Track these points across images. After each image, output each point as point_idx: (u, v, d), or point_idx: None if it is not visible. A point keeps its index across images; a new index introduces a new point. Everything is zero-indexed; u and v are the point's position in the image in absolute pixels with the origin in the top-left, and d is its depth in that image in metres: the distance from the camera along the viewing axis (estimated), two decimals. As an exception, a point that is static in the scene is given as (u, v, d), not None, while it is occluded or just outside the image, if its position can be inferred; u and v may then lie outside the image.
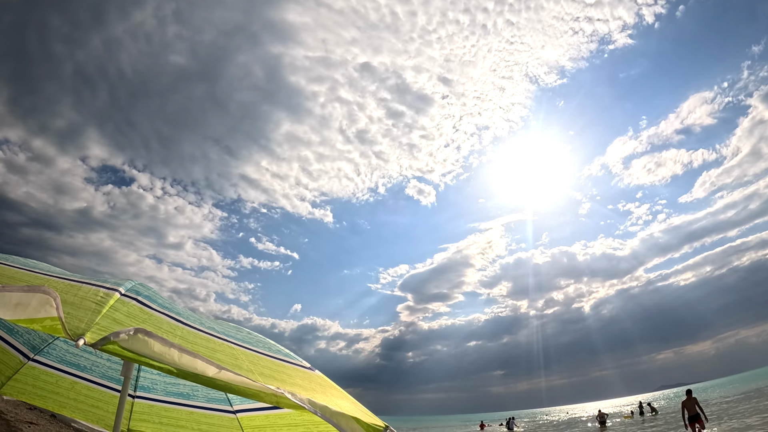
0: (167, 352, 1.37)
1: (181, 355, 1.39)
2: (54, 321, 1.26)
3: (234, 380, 1.48)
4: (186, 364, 1.39)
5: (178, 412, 3.26)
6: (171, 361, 1.37)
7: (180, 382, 3.15)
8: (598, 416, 32.85)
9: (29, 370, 3.15)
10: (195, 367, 1.41)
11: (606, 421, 31.92)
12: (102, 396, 3.29)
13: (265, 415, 2.93)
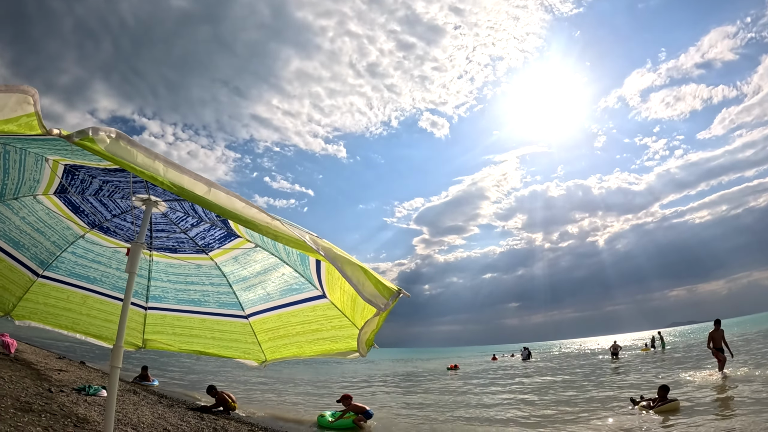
0: (151, 165, 1.28)
1: (167, 169, 1.30)
2: (30, 117, 1.18)
3: (226, 202, 1.39)
4: (173, 178, 1.30)
5: (190, 320, 3.26)
6: (155, 171, 1.28)
7: (190, 288, 3.14)
8: (611, 347, 33.48)
9: (39, 288, 3.16)
10: (182, 183, 1.32)
11: (618, 352, 32.62)
12: (114, 309, 3.29)
13: (277, 315, 2.90)
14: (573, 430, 10.05)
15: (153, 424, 8.15)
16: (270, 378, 24.07)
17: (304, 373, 28.31)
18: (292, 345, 2.88)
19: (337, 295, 2.27)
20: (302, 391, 19.19)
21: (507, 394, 18.11)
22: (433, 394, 18.95)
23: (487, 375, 28.50)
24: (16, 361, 12.66)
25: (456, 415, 13.13)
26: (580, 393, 16.19)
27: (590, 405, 12.99)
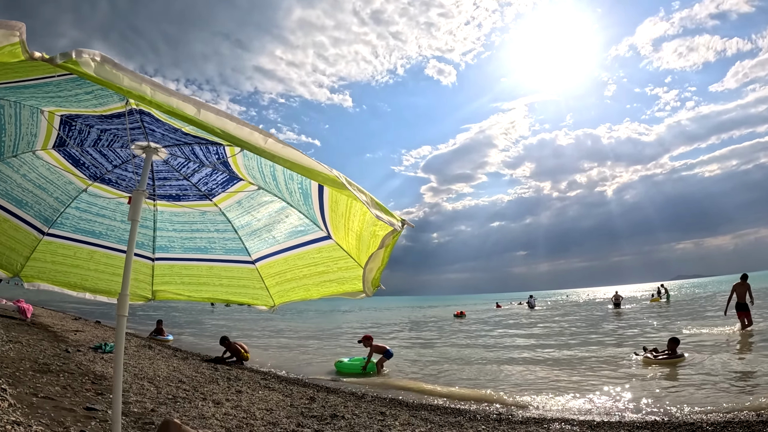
0: (138, 87, 1.22)
1: (155, 91, 1.24)
2: (14, 47, 1.13)
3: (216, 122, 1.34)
4: (160, 99, 1.25)
5: (198, 268, 3.26)
6: (142, 92, 1.22)
7: (196, 236, 3.11)
8: (613, 297, 33.96)
9: (46, 246, 3.13)
10: (170, 104, 1.27)
11: (620, 303, 33.08)
12: (122, 263, 3.22)
13: (284, 259, 2.87)
14: (575, 378, 10.23)
15: (168, 377, 8.36)
16: (281, 329, 24.64)
17: (314, 324, 28.93)
18: (299, 288, 2.89)
19: (342, 234, 2.24)
20: (314, 341, 19.65)
21: (510, 339, 18.45)
22: (440, 341, 19.34)
23: (493, 322, 29.02)
24: (33, 326, 12.96)
25: (462, 360, 13.42)
26: (583, 341, 16.48)
27: (591, 353, 13.23)
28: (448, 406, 7.90)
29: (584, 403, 7.79)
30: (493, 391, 9.00)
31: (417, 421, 6.40)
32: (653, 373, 9.70)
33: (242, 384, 8.63)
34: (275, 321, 31.12)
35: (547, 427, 6.12)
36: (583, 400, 7.95)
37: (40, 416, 4.52)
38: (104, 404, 5.57)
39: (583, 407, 7.52)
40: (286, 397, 7.74)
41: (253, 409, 6.56)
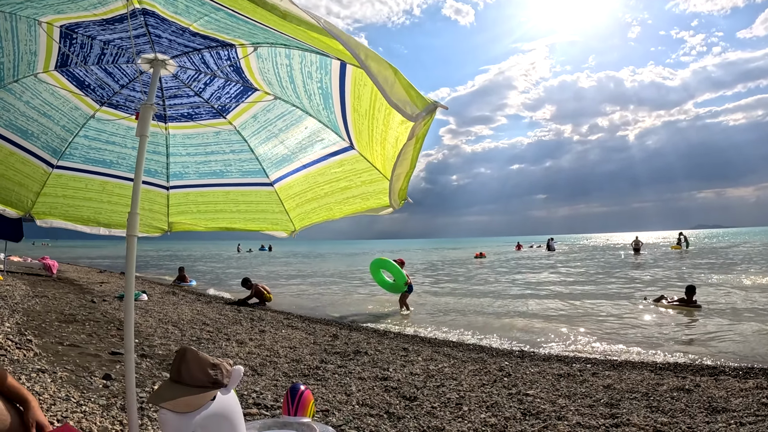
0: None
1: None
2: None
3: None
4: None
5: (214, 195, 3.13)
6: None
7: (211, 159, 2.96)
8: (633, 243, 33.96)
9: (56, 180, 3.01)
10: None
11: (640, 248, 33.09)
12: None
13: (303, 177, 2.71)
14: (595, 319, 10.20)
15: (192, 320, 8.51)
16: (303, 273, 25.00)
17: (335, 267, 29.32)
18: (320, 209, 2.75)
19: (365, 141, 2.06)
20: (335, 283, 19.94)
21: (531, 279, 18.49)
22: (461, 281, 19.48)
23: (512, 263, 29.14)
24: (59, 281, 13.24)
25: (482, 299, 13.49)
26: (601, 284, 16.44)
27: (610, 296, 13.18)
28: (471, 342, 7.95)
29: (606, 344, 7.79)
30: (515, 330, 9.05)
31: (440, 357, 6.43)
32: (670, 319, 9.66)
33: (265, 324, 8.76)
34: (296, 265, 31.61)
35: (570, 364, 6.09)
36: (605, 341, 7.95)
37: (65, 363, 4.62)
38: None
39: (604, 348, 7.53)
40: (309, 335, 7.83)
41: (277, 347, 6.64)
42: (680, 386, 4.68)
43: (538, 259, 32.90)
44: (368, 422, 3.85)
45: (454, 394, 4.69)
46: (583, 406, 4.22)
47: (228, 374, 2.07)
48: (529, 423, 3.85)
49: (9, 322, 6.17)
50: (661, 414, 3.92)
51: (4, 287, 9.71)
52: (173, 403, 1.82)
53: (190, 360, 1.95)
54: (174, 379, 1.96)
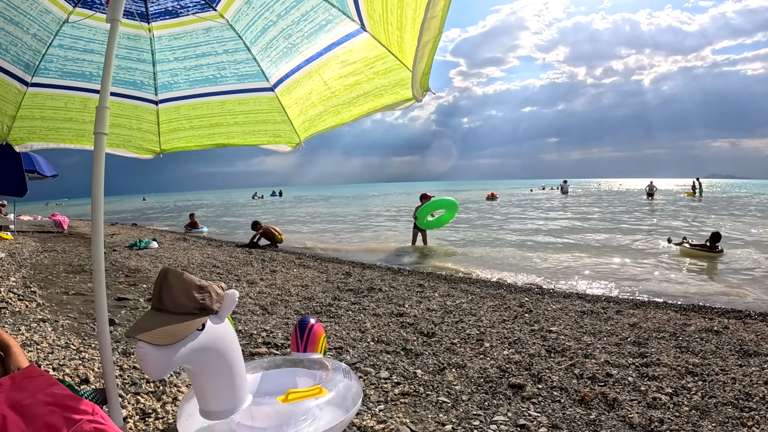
0: None
1: None
2: None
3: None
4: None
5: (208, 106, 2.76)
6: None
7: (203, 62, 2.57)
8: (647, 187, 33.73)
9: (32, 100, 2.66)
10: None
11: (654, 193, 32.82)
12: (121, 110, 2.83)
13: (307, 74, 2.32)
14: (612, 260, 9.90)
15: (202, 263, 8.41)
16: (313, 215, 24.94)
17: (343, 209, 29.20)
18: (327, 113, 2.38)
19: (378, 13, 1.66)
20: (346, 223, 19.85)
21: (544, 221, 18.23)
22: (472, 220, 19.30)
23: (525, 204, 28.87)
24: (70, 236, 13.15)
25: (496, 238, 13.29)
26: (618, 226, 16.13)
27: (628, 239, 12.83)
28: (488, 279, 7.72)
29: (628, 283, 7.54)
30: (532, 268, 8.82)
31: (457, 293, 6.20)
32: (693, 263, 9.34)
33: (276, 264, 8.59)
34: (307, 208, 31.50)
35: (593, 302, 5.84)
36: (627, 281, 7.70)
37: (68, 311, 4.57)
38: (136, 293, 5.63)
39: (626, 287, 7.27)
40: (321, 273, 7.64)
41: (288, 286, 6.46)
42: (708, 327, 4.43)
43: (551, 201, 32.55)
44: (384, 359, 3.63)
45: (474, 330, 4.46)
46: (610, 344, 3.98)
47: (219, 299, 1.76)
48: (555, 360, 3.62)
49: (15, 277, 6.12)
50: (691, 355, 3.69)
51: (14, 245, 9.65)
52: (151, 334, 1.52)
53: (172, 282, 1.64)
54: (155, 307, 1.66)
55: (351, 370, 2.40)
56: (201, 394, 1.81)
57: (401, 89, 1.93)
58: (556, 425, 2.59)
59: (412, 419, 2.64)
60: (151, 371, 1.53)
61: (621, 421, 2.63)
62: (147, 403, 2.67)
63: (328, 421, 2.03)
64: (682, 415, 2.65)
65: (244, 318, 4.73)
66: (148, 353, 1.51)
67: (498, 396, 2.99)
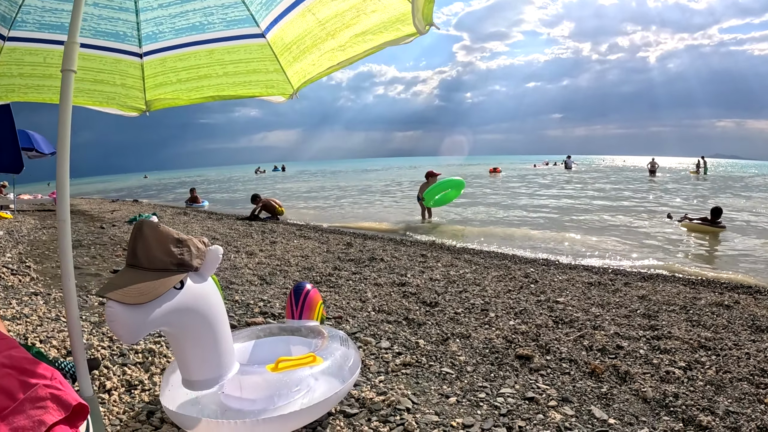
0: None
1: None
2: None
3: None
4: None
5: (195, 56, 2.53)
6: None
7: (188, 8, 2.34)
8: (649, 164, 33.70)
9: (10, 55, 2.44)
10: None
11: (656, 170, 32.73)
12: (103, 64, 2.60)
13: (300, 15, 2.08)
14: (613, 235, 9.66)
15: (202, 235, 8.24)
16: (316, 187, 24.81)
17: (344, 182, 29.01)
18: (323, 56, 2.16)
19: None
20: (349, 196, 19.71)
21: (546, 197, 18.04)
22: (476, 193, 19.14)
23: (529, 179, 28.64)
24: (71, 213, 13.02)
25: (500, 211, 13.12)
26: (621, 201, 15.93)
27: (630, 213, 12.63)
28: (492, 250, 7.56)
29: (633, 257, 7.36)
30: (536, 240, 8.65)
31: (460, 263, 6.04)
32: (697, 238, 9.15)
33: (277, 235, 8.45)
34: (310, 183, 31.35)
35: (600, 274, 5.69)
36: (632, 255, 7.52)
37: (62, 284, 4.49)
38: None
39: (632, 261, 7.07)
40: (322, 244, 7.49)
41: (288, 257, 6.32)
42: (719, 302, 4.28)
43: (555, 175, 32.28)
44: (386, 329, 3.49)
45: (479, 300, 4.31)
46: (619, 316, 3.84)
47: (200, 254, 1.59)
48: (563, 331, 3.47)
49: (11, 253, 6.02)
50: (702, 329, 3.55)
51: (13, 223, 9.56)
52: (122, 291, 1.35)
53: (147, 235, 1.46)
54: (129, 264, 1.49)
55: (349, 338, 2.25)
56: (183, 362, 1.65)
57: (403, 25, 1.72)
58: (566, 398, 2.45)
59: (413, 391, 2.50)
60: (121, 334, 1.36)
61: (634, 395, 2.49)
62: (134, 375, 2.55)
63: (324, 391, 1.88)
64: (696, 389, 2.52)
65: (241, 288, 4.59)
66: (118, 313, 1.33)
67: (504, 367, 2.85)
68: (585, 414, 2.30)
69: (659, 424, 2.19)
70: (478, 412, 2.28)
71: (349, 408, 2.26)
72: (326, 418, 2.16)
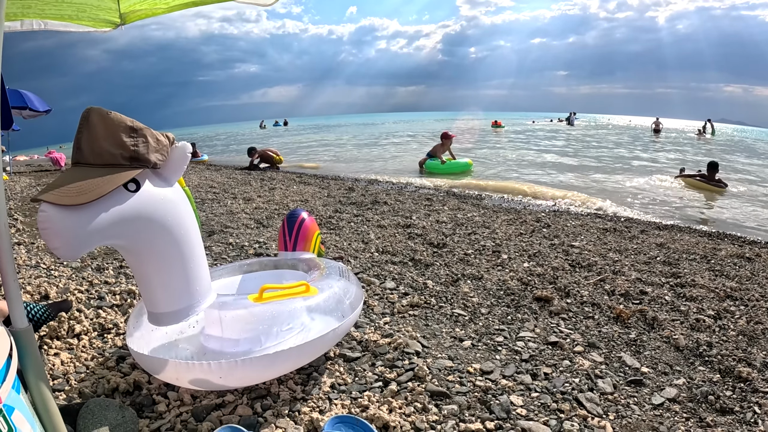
0: None
1: None
2: None
3: None
4: None
5: None
6: None
7: None
8: (653, 123, 33.34)
9: None
10: None
11: (660, 130, 32.66)
12: None
13: None
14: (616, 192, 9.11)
15: (199, 185, 8.01)
16: (318, 140, 24.37)
17: (349, 135, 28.47)
18: None
19: None
20: (350, 147, 19.38)
21: (551, 149, 17.60)
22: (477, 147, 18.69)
23: (530, 133, 28.16)
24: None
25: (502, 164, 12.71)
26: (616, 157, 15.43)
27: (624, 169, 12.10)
28: (501, 197, 7.23)
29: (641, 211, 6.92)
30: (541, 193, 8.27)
31: (468, 207, 5.75)
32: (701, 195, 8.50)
33: (276, 182, 8.15)
34: (312, 135, 30.73)
35: (614, 221, 5.39)
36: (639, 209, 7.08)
37: None
38: None
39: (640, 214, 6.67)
40: (323, 189, 7.18)
41: (286, 201, 6.03)
42: (740, 254, 4.01)
43: (557, 131, 31.62)
44: (390, 269, 3.21)
45: (489, 242, 4.03)
46: (639, 263, 3.57)
47: (161, 148, 1.25)
48: (581, 275, 3.21)
49: None
50: (726, 279, 3.29)
51: (8, 184, 9.24)
52: (58, 191, 1.03)
53: (94, 123, 1.13)
54: (74, 162, 1.17)
55: (350, 271, 1.95)
56: (146, 290, 1.34)
57: None
58: (593, 343, 2.19)
59: (423, 333, 2.22)
60: (57, 245, 1.04)
61: (665, 342, 2.24)
62: (108, 318, 2.29)
63: (319, 329, 1.59)
64: (729, 339, 2.29)
65: (236, 231, 4.32)
66: (52, 218, 1.02)
67: (522, 310, 2.57)
68: (615, 361, 2.04)
69: (696, 375, 1.96)
70: (497, 357, 2.02)
71: (350, 351, 1.99)
72: (323, 361, 1.88)
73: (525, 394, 1.73)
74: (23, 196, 7.08)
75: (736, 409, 1.70)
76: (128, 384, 1.65)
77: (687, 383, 1.88)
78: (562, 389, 1.77)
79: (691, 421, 1.63)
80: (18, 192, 7.58)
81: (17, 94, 10.68)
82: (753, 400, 1.76)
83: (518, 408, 1.64)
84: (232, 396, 1.60)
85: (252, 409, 1.55)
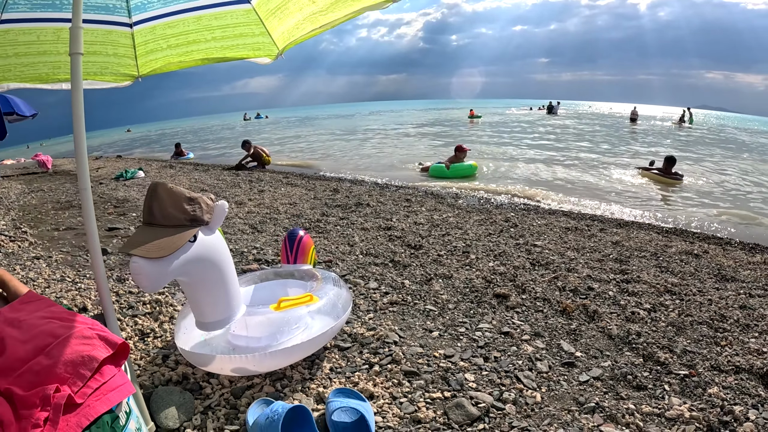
0: None
1: None
2: None
3: None
4: None
5: (183, 23, 2.56)
6: None
7: None
8: (631, 113, 34.30)
9: (4, 37, 2.42)
10: None
11: (636, 119, 33.71)
12: (96, 37, 2.60)
13: None
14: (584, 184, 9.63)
15: (190, 188, 8.28)
16: (300, 133, 24.60)
17: (330, 128, 28.75)
18: (306, 20, 2.23)
19: None
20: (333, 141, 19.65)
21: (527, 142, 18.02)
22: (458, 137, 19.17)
23: (508, 124, 28.59)
24: (56, 174, 12.80)
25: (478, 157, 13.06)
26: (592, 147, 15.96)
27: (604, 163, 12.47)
28: (474, 195, 7.79)
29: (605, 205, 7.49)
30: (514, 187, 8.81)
31: (444, 207, 6.28)
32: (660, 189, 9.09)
33: (264, 184, 8.56)
34: (294, 129, 30.94)
35: (577, 219, 5.93)
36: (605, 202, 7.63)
37: (61, 246, 4.58)
38: (126, 222, 5.59)
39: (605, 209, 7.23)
40: (309, 191, 7.65)
41: (276, 205, 6.48)
42: (689, 250, 4.49)
43: (535, 121, 32.03)
44: (373, 271, 3.72)
45: (461, 242, 4.56)
46: (593, 260, 4.07)
47: (209, 209, 1.76)
48: (538, 273, 3.72)
49: (4, 220, 6.02)
50: (670, 275, 3.76)
51: (2, 191, 9.42)
52: (145, 248, 1.52)
53: (162, 195, 1.63)
54: (146, 222, 1.66)
55: (341, 279, 2.47)
56: (196, 306, 1.86)
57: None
58: (538, 333, 2.69)
59: (400, 326, 2.74)
60: (146, 285, 1.55)
61: (600, 332, 2.72)
62: (145, 324, 2.73)
63: (320, 327, 2.11)
64: (658, 329, 2.74)
65: (234, 237, 4.75)
66: (143, 267, 1.51)
67: (483, 305, 3.09)
68: (554, 347, 2.54)
69: (621, 358, 2.43)
70: (458, 345, 2.53)
71: (342, 342, 2.50)
72: (323, 351, 2.40)
73: (477, 373, 2.25)
74: (21, 204, 7.27)
75: (650, 387, 2.15)
76: (178, 375, 2.15)
77: (612, 365, 2.35)
78: (506, 369, 2.29)
79: (609, 394, 2.10)
80: (14, 200, 7.73)
81: (4, 99, 10.84)
82: (666, 380, 2.20)
83: (470, 382, 2.15)
84: (258, 379, 2.12)
85: (274, 388, 2.08)
